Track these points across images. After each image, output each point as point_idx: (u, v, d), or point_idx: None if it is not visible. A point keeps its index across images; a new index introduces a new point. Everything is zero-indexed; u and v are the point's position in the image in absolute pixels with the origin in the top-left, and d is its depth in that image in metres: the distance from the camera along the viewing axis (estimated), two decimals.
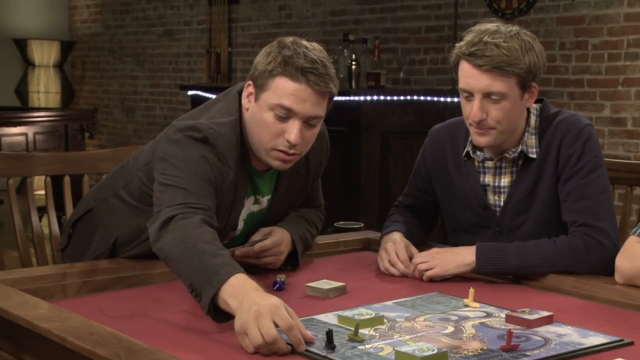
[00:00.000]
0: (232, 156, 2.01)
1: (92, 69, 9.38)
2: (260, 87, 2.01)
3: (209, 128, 2.00)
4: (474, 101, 2.13)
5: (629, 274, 1.94)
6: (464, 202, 2.30)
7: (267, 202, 2.20)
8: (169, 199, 1.91)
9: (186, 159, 1.97)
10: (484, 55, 2.08)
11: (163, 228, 1.85)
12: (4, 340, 1.74)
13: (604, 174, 2.18)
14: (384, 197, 5.08)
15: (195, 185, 1.93)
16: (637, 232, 1.98)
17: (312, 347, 1.54)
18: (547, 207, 2.20)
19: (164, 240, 1.83)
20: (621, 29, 5.09)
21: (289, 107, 1.97)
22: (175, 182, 1.94)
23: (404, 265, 2.13)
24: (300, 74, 1.96)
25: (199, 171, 1.96)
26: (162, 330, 1.69)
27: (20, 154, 2.75)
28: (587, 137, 2.17)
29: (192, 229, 1.81)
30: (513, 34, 2.12)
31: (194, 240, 1.77)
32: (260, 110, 2.01)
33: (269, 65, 1.99)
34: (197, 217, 1.85)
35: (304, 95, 1.98)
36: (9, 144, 6.60)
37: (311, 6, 7.02)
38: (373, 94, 5.13)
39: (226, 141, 2.00)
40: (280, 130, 1.99)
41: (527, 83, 2.13)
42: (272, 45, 2.04)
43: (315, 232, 2.32)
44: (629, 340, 1.62)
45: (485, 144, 2.18)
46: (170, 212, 1.87)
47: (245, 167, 2.09)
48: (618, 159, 4.60)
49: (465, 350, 1.54)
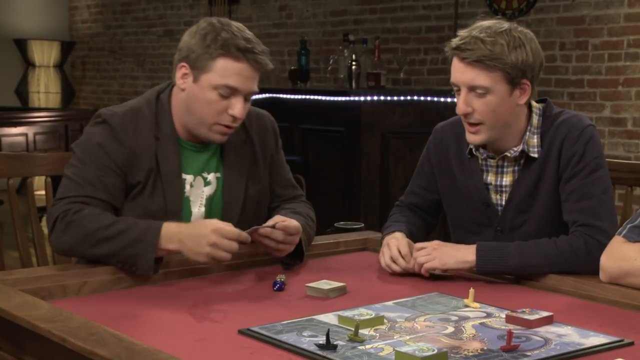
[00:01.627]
0: (126, 129, 2.14)
1: (92, 69, 9.39)
2: (200, 69, 2.13)
3: (107, 111, 2.19)
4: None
5: (613, 273, 1.94)
6: (467, 199, 2.30)
7: (216, 180, 2.25)
8: (63, 191, 2.11)
9: (85, 149, 2.14)
10: (467, 49, 2.11)
11: (59, 223, 2.05)
12: (4, 340, 1.74)
13: (605, 175, 2.18)
14: (384, 197, 5.08)
15: (90, 175, 2.11)
16: (622, 233, 1.98)
17: (312, 347, 1.54)
18: (548, 207, 2.20)
19: (65, 239, 2.05)
20: (621, 29, 5.09)
21: (234, 87, 2.12)
22: (73, 173, 2.13)
23: (405, 261, 2.13)
24: (241, 54, 2.11)
25: (96, 160, 2.12)
26: (163, 330, 1.69)
27: (20, 154, 2.75)
28: (589, 137, 2.18)
29: (88, 222, 2.03)
30: (502, 31, 2.13)
31: (100, 230, 2.01)
32: (202, 90, 2.14)
33: (208, 48, 2.11)
34: (85, 210, 2.05)
35: (247, 73, 2.13)
36: (9, 144, 6.61)
37: (311, 6, 7.03)
38: (373, 94, 5.13)
39: (120, 117, 2.16)
40: (224, 107, 2.14)
41: (515, 79, 2.13)
42: (204, 28, 2.16)
43: (313, 225, 2.33)
44: (629, 340, 1.62)
45: (478, 141, 2.19)
46: (63, 206, 2.07)
47: (170, 143, 2.18)
48: (618, 159, 4.60)
49: (465, 351, 1.54)
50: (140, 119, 2.18)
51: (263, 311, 1.81)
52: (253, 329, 1.64)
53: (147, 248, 1.97)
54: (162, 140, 2.18)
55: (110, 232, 2.00)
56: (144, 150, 2.15)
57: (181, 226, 2.01)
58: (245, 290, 2.00)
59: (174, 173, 2.18)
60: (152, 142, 2.16)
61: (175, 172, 2.18)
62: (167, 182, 2.17)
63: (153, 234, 1.98)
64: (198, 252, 1.97)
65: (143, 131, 2.16)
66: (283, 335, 1.60)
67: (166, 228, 2.00)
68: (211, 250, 1.96)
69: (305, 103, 5.55)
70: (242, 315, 1.78)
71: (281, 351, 1.54)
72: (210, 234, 1.96)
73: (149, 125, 2.18)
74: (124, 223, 2.02)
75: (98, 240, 2.01)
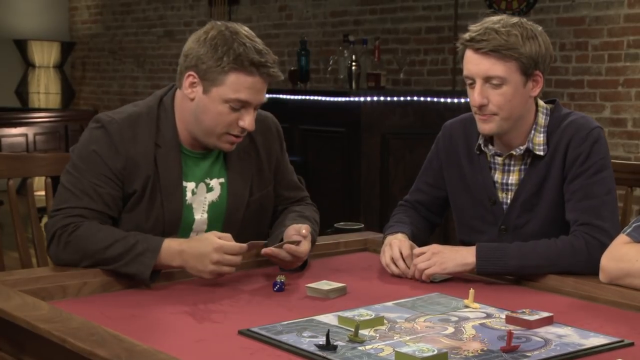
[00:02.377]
0: (124, 137, 2.11)
1: (92, 70, 9.39)
2: (211, 81, 2.10)
3: (106, 117, 2.15)
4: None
5: (613, 274, 1.94)
6: (474, 195, 2.30)
7: (220, 186, 2.23)
8: (59, 202, 2.10)
9: (81, 156, 2.12)
10: (483, 40, 2.13)
11: (56, 239, 2.05)
12: (4, 341, 1.74)
13: (610, 176, 2.19)
14: (384, 197, 5.08)
15: (87, 185, 2.09)
16: (627, 232, 1.98)
17: (312, 348, 1.54)
18: (553, 207, 2.21)
19: (63, 258, 2.05)
20: (621, 29, 5.09)
21: (246, 100, 2.10)
22: (69, 181, 2.11)
23: (406, 263, 2.13)
24: (255, 68, 2.08)
25: (92, 168, 2.10)
26: (163, 331, 1.69)
27: (20, 155, 2.75)
28: (595, 138, 2.18)
29: (86, 242, 2.02)
30: (515, 23, 2.16)
31: (98, 252, 2.00)
32: (213, 102, 2.11)
33: (220, 61, 2.08)
34: (83, 226, 2.04)
35: (259, 86, 2.11)
36: (9, 145, 6.61)
37: (311, 7, 7.03)
38: (373, 95, 5.13)
39: (118, 124, 2.12)
40: (234, 119, 2.12)
41: (528, 70, 2.14)
42: (213, 37, 2.10)
43: (317, 229, 2.32)
44: (629, 341, 1.62)
45: (489, 131, 2.19)
46: (61, 220, 2.06)
47: (171, 150, 2.16)
48: (618, 159, 4.59)
49: (465, 351, 1.54)
50: (139, 126, 2.14)
51: (263, 312, 1.81)
52: (253, 329, 1.64)
53: (143, 270, 1.96)
54: (163, 148, 2.15)
55: (109, 255, 1.99)
56: (143, 158, 2.12)
57: (182, 244, 2.00)
58: (245, 291, 2.00)
59: (175, 181, 2.15)
60: (151, 150, 2.13)
61: (176, 180, 2.16)
62: (167, 190, 2.14)
63: (151, 256, 1.97)
64: (202, 270, 1.98)
65: (142, 138, 2.13)
66: (283, 336, 1.60)
67: (167, 246, 1.99)
68: (215, 268, 1.97)
69: (305, 103, 5.55)
70: (242, 316, 1.78)
71: (281, 352, 1.54)
72: (213, 252, 1.95)
73: (149, 132, 2.14)
74: (123, 244, 1.99)
75: (96, 262, 2.01)
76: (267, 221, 2.33)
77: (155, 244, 1.99)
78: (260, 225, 2.30)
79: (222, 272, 1.98)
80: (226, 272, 1.99)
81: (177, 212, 2.16)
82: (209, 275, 1.98)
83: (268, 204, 2.33)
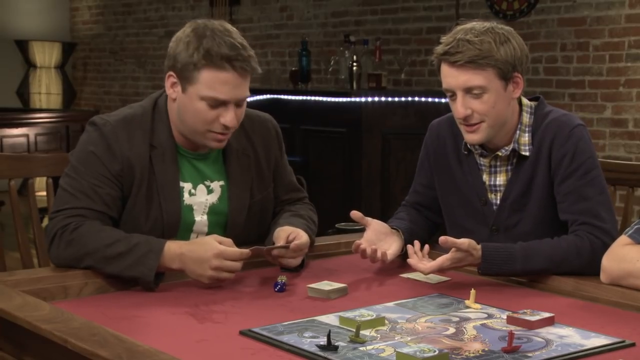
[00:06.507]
0: (118, 139, 2.10)
1: (93, 70, 9.39)
2: (187, 80, 2.08)
3: (100, 119, 2.15)
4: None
5: (614, 274, 1.94)
6: (464, 196, 2.30)
7: (220, 188, 2.22)
8: (59, 204, 2.09)
9: (79, 158, 2.12)
10: (457, 52, 2.12)
11: (57, 239, 2.03)
12: (6, 341, 1.74)
13: (599, 174, 2.18)
14: (384, 198, 5.09)
15: (86, 186, 2.08)
16: (628, 233, 1.98)
17: (313, 348, 1.54)
18: (542, 206, 2.20)
19: (64, 257, 2.03)
20: (622, 30, 5.09)
21: (222, 99, 2.06)
22: (68, 184, 2.10)
23: (371, 248, 2.13)
24: (226, 62, 2.04)
25: (91, 169, 2.09)
26: (164, 331, 1.69)
27: (21, 155, 2.76)
28: (579, 137, 2.18)
29: (88, 240, 2.00)
30: (486, 29, 2.14)
31: (100, 250, 1.98)
32: (191, 101, 2.08)
33: (191, 58, 2.05)
34: (84, 226, 2.02)
35: (234, 82, 2.06)
36: (11, 145, 6.61)
37: (312, 7, 7.03)
38: (374, 95, 5.13)
39: (113, 126, 2.12)
40: (214, 116, 2.08)
41: (507, 74, 2.14)
42: (187, 35, 2.09)
43: (315, 229, 2.32)
44: (631, 341, 1.62)
45: (478, 140, 2.19)
46: (61, 221, 2.04)
47: (167, 151, 2.15)
48: (619, 160, 4.60)
49: (466, 352, 1.54)
50: (134, 128, 2.14)
51: (264, 312, 1.81)
52: (254, 329, 1.65)
53: (147, 272, 1.95)
54: (158, 149, 2.14)
55: (110, 253, 1.97)
56: (138, 159, 2.11)
57: (182, 247, 1.98)
58: (247, 292, 2.00)
59: (171, 181, 2.15)
60: (146, 151, 2.13)
61: (172, 180, 2.15)
62: (164, 190, 2.14)
63: (154, 258, 1.96)
64: (201, 274, 1.97)
65: (137, 140, 2.12)
66: (284, 336, 1.60)
67: (168, 249, 1.98)
68: (214, 274, 1.96)
69: (306, 104, 5.55)
70: (243, 316, 1.78)
71: (282, 352, 1.54)
72: (213, 258, 1.94)
73: (143, 133, 2.14)
74: (125, 243, 1.98)
75: (98, 260, 1.99)
76: (269, 223, 2.33)
77: (157, 246, 1.98)
78: (262, 228, 2.30)
79: (221, 278, 1.97)
80: (225, 278, 1.98)
81: (176, 212, 2.16)
82: (207, 280, 1.97)
83: (269, 205, 2.33)
